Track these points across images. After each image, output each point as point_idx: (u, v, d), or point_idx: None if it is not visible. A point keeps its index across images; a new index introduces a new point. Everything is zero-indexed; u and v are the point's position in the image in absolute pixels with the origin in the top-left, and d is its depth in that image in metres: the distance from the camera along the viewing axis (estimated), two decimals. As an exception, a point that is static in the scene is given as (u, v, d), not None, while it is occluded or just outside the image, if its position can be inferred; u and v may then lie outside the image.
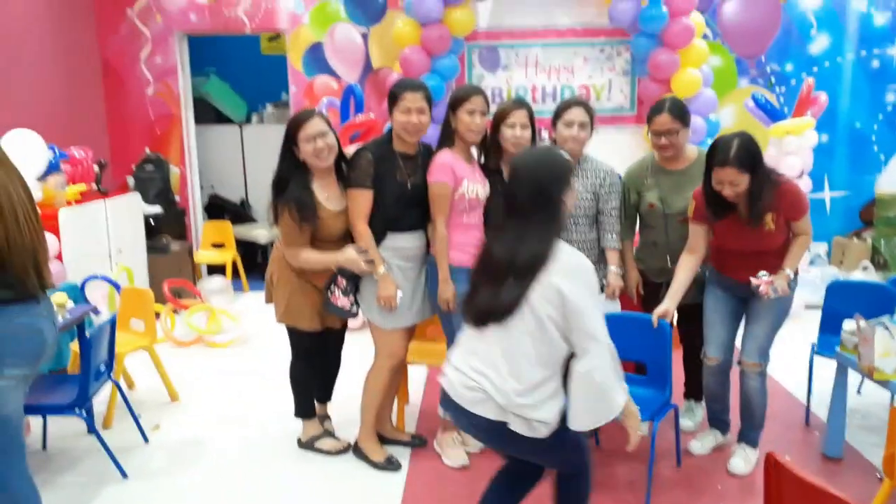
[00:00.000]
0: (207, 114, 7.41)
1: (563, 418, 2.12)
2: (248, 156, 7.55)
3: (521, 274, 2.07)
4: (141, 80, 6.38)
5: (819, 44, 5.98)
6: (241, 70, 7.73)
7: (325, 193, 3.02)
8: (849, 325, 3.05)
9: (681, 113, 3.13)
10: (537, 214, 2.11)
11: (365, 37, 5.66)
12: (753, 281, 2.89)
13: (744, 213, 2.88)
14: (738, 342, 3.15)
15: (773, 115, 5.26)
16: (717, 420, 3.32)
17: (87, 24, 6.21)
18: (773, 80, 6.02)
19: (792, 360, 4.13)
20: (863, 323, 2.89)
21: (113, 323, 3.29)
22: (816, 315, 3.76)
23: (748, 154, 2.73)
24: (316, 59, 5.86)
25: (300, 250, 2.98)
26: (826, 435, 3.22)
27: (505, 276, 2.09)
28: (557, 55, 5.99)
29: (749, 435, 3.17)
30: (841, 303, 3.54)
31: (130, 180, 5.99)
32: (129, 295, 3.93)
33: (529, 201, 2.12)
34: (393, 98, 3.00)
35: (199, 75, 7.27)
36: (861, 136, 6.07)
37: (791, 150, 5.19)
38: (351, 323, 4.93)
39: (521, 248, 2.09)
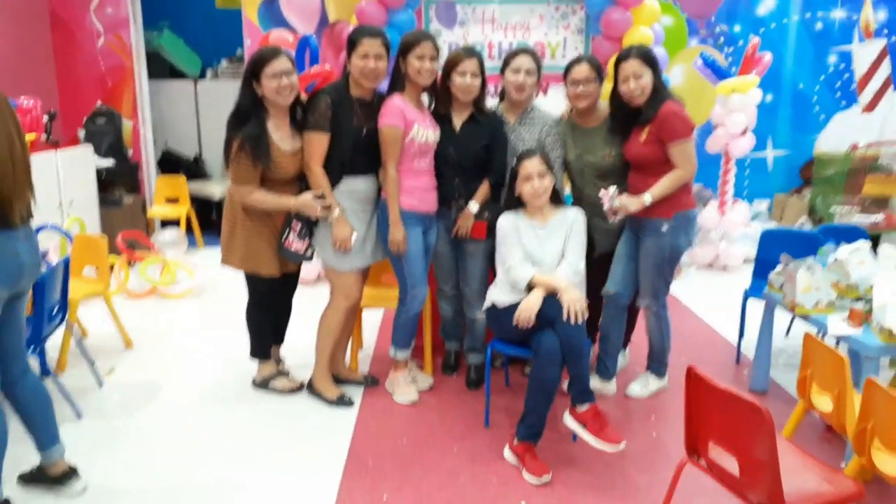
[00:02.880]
0: (161, 69, 7.30)
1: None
2: (202, 112, 7.47)
3: None
4: (91, 31, 6.24)
5: (766, 5, 6.15)
6: (195, 25, 7.60)
7: (279, 134, 3.06)
8: (778, 267, 3.25)
9: (597, 66, 3.26)
10: None
11: (321, -10, 5.62)
12: (601, 192, 3.07)
13: (643, 114, 3.09)
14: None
15: (720, 73, 5.42)
16: (600, 362, 3.39)
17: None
18: (721, 40, 6.18)
19: (728, 308, 4.35)
20: (789, 262, 3.08)
21: (66, 265, 3.30)
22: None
23: (647, 52, 3.11)
24: (271, 12, 5.79)
25: (251, 189, 3.03)
26: (752, 370, 3.44)
27: None
28: (514, 12, 6.04)
29: (652, 366, 3.44)
30: (773, 250, 3.73)
31: (81, 133, 5.89)
32: (81, 242, 3.92)
33: None
34: (351, 43, 3.05)
35: (153, 29, 7.13)
36: (803, 97, 6.30)
37: (736, 107, 5.36)
38: (305, 276, 5.02)
39: None
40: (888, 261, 3.13)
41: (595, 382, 3.33)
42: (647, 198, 3.04)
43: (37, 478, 2.57)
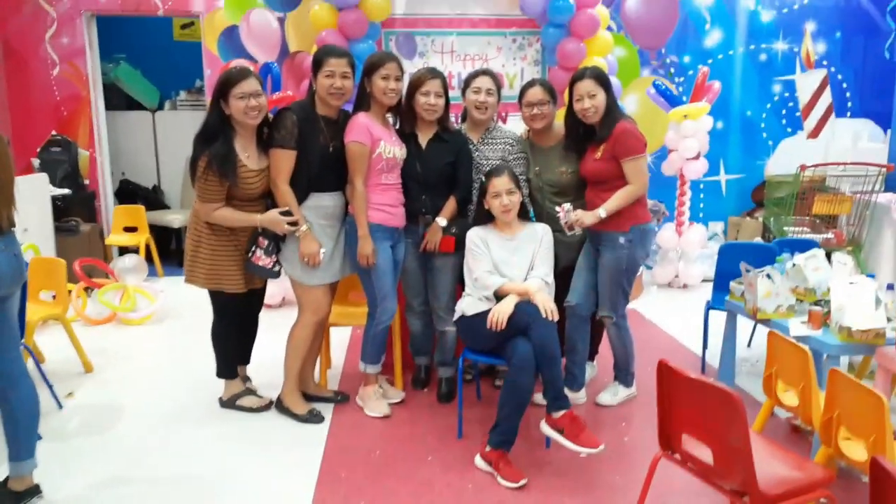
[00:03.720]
0: (119, 100, 7.23)
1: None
2: (160, 142, 7.41)
3: None
4: (45, 60, 6.16)
5: (713, 38, 6.42)
6: (153, 56, 7.57)
7: (246, 153, 3.06)
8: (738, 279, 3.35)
9: (550, 89, 3.37)
10: None
11: (281, 21, 5.68)
12: (557, 208, 3.16)
13: (598, 132, 3.18)
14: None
15: (672, 101, 5.62)
16: (568, 373, 3.42)
17: (-13, 3, 5.97)
18: (672, 70, 6.42)
19: (689, 323, 4.45)
20: (749, 270, 3.18)
21: (23, 287, 3.19)
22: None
23: (601, 73, 3.20)
24: (232, 42, 5.82)
25: (216, 206, 3.01)
26: (717, 377, 3.50)
27: None
28: (472, 44, 6.19)
29: (619, 375, 3.50)
30: (732, 263, 3.83)
31: (35, 162, 5.78)
32: (38, 265, 3.81)
33: None
34: (317, 63, 3.09)
35: (109, 61, 7.08)
36: (751, 124, 6.56)
37: (688, 133, 5.54)
38: (270, 299, 4.97)
39: None
40: (842, 266, 3.26)
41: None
42: (602, 212, 3.12)
43: None
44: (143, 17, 6.37)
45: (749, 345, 4.23)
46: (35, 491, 2.48)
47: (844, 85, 6.56)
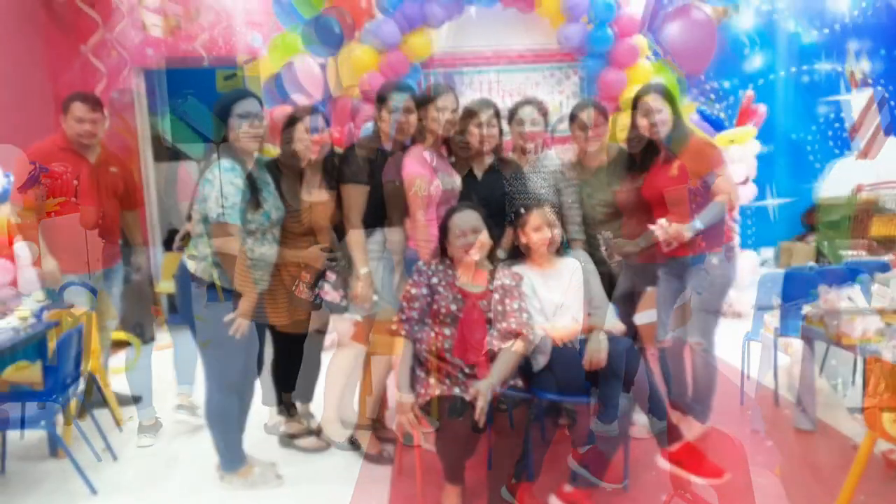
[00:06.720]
0: (167, 150, 7.38)
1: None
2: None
3: None
4: (96, 114, 6.33)
5: (754, 61, 6.36)
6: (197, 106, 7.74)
7: (293, 191, 3.09)
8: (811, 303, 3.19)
9: (604, 109, 3.33)
10: None
11: (323, 66, 5.77)
12: (651, 226, 3.00)
13: (668, 148, 3.07)
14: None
15: (718, 126, 5.55)
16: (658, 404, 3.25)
17: (38, 61, 6.18)
18: (713, 96, 6.36)
19: (738, 353, 4.29)
20: (831, 293, 3.02)
21: (79, 331, 3.28)
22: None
23: (665, 87, 3.17)
24: (276, 89, 5.93)
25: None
26: (795, 411, 3.35)
27: None
28: (511, 79, 6.21)
29: (694, 408, 3.23)
30: (770, 292, 3.75)
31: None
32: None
33: None
34: (381, 99, 3.14)
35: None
36: (798, 147, 6.44)
37: (735, 158, 5.45)
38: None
39: None
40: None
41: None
42: (698, 223, 2.94)
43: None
44: (190, 69, 6.53)
45: (820, 374, 4.05)
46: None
47: (893, 102, 6.42)
